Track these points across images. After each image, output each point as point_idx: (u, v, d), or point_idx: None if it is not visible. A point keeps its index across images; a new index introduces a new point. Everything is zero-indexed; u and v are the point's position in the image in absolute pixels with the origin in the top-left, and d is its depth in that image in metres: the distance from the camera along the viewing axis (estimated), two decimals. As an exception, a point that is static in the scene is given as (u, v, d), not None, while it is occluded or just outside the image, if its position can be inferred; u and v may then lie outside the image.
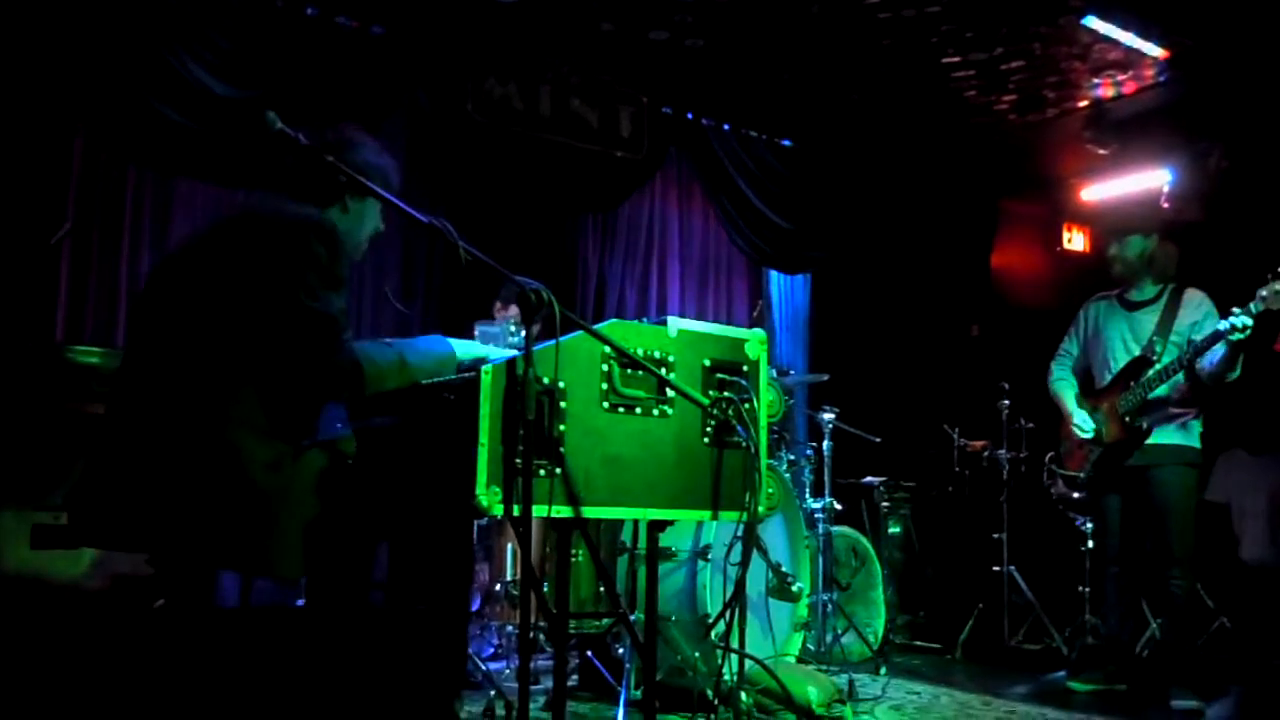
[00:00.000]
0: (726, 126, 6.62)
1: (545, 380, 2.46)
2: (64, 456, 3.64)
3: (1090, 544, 5.38)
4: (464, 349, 2.68)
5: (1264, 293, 3.97)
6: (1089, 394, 4.64)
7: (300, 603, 3.86)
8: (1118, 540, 4.53)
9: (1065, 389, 4.71)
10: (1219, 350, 4.13)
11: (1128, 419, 4.40)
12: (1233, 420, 5.44)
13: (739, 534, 2.89)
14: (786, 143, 6.90)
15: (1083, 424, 4.53)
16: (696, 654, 3.79)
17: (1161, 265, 4.52)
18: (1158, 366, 4.35)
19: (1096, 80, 6.15)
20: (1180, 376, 4.30)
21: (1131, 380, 4.42)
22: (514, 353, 2.57)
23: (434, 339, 2.67)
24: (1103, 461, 4.51)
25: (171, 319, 2.44)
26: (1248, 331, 4.02)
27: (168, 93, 4.63)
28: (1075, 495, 4.92)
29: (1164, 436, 4.37)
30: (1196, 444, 4.41)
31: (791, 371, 6.02)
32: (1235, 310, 4.04)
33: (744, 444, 2.81)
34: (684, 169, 6.70)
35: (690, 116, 6.47)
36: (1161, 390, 4.33)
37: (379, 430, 2.86)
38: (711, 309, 6.84)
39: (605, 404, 2.61)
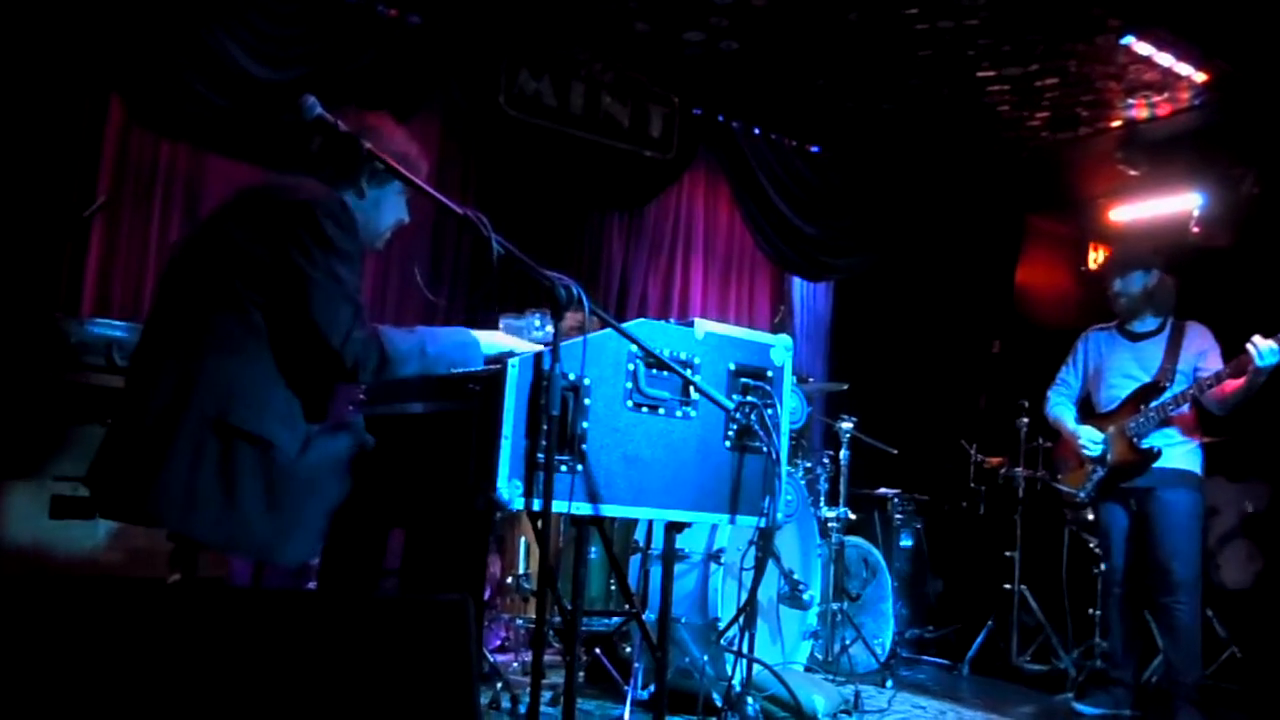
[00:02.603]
0: (757, 130, 6.61)
1: (571, 376, 2.47)
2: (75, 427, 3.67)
3: (1103, 566, 5.35)
4: (489, 343, 2.68)
5: None
6: (1091, 419, 4.66)
7: (312, 585, 3.88)
8: (1123, 561, 4.53)
9: (1064, 411, 4.75)
10: (1238, 383, 4.14)
11: (1136, 440, 4.40)
12: (1216, 447, 5.42)
13: (753, 539, 2.89)
14: (816, 149, 6.89)
15: (1090, 441, 4.53)
16: (705, 657, 3.79)
17: (1162, 299, 4.56)
18: (1172, 392, 4.37)
19: (1131, 100, 6.12)
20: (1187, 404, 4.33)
21: (1141, 404, 4.44)
22: (539, 347, 2.57)
23: (458, 330, 2.66)
24: (1106, 482, 4.52)
25: (186, 293, 2.45)
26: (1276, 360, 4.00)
27: (204, 72, 4.66)
28: (1090, 517, 4.90)
29: (1170, 460, 4.38)
30: (1200, 470, 4.43)
31: (810, 379, 6.00)
32: (1264, 340, 4.00)
33: (765, 449, 2.81)
34: (712, 170, 6.69)
35: (721, 119, 6.46)
36: (1175, 414, 4.35)
37: (399, 417, 2.87)
38: (733, 311, 6.83)
39: (629, 403, 2.61)
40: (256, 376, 2.37)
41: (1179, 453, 4.39)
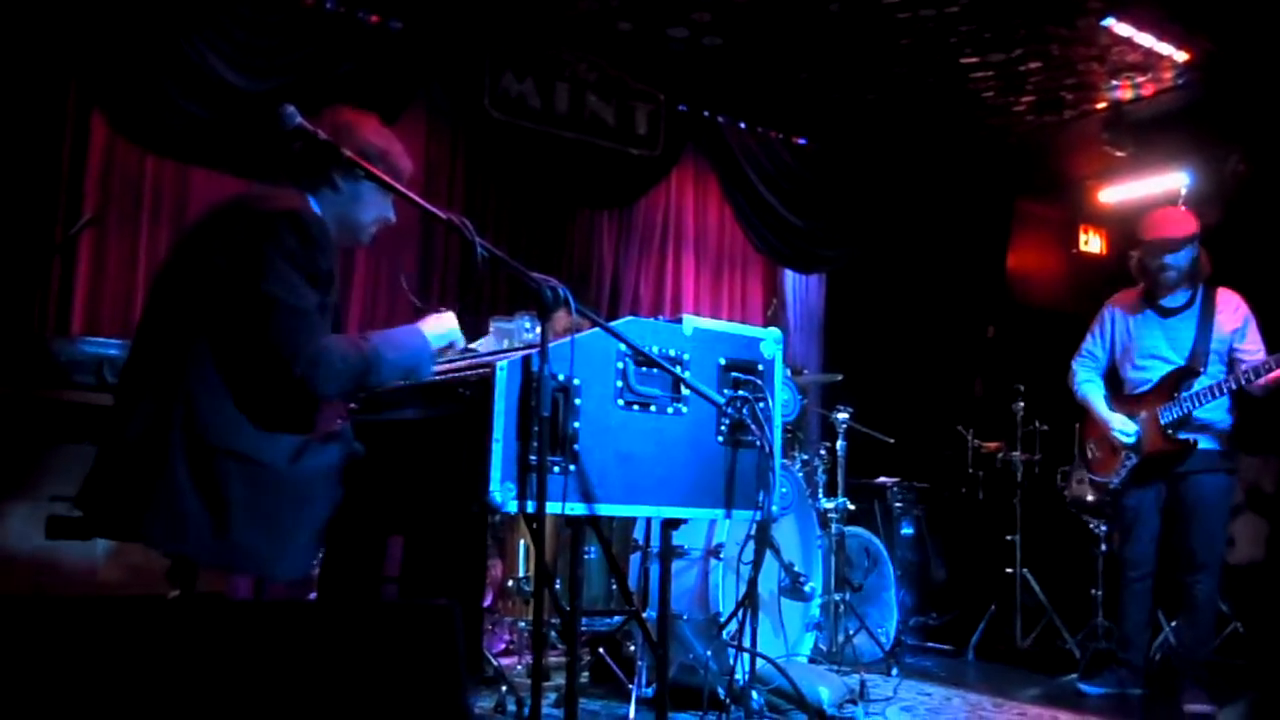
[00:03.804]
0: (743, 125, 6.61)
1: (560, 377, 2.47)
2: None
3: (1104, 547, 5.35)
4: (434, 333, 2.64)
5: None
6: (1120, 399, 4.53)
7: (313, 596, 3.88)
8: (1148, 546, 4.42)
9: (1094, 391, 4.58)
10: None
11: (1171, 431, 4.30)
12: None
13: (752, 533, 2.89)
14: (803, 141, 6.89)
15: (1124, 430, 4.39)
16: (708, 652, 3.79)
17: (1203, 270, 4.39)
18: (1207, 382, 4.24)
19: (1115, 82, 6.13)
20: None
21: (1175, 391, 4.30)
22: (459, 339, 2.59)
23: (411, 331, 2.62)
24: (1140, 471, 4.42)
25: (165, 312, 2.45)
26: None
27: (186, 84, 4.67)
28: (1090, 498, 4.87)
29: (1206, 443, 4.28)
30: (1236, 450, 4.36)
31: (805, 371, 6.01)
32: None
33: (758, 443, 2.81)
34: (700, 166, 6.69)
35: (707, 114, 6.46)
36: (1210, 405, 4.24)
37: (392, 424, 2.87)
38: (726, 306, 6.83)
39: (620, 401, 2.61)
40: (236, 393, 2.36)
41: (1215, 434, 4.29)
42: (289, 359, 2.33)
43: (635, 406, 2.64)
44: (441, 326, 2.68)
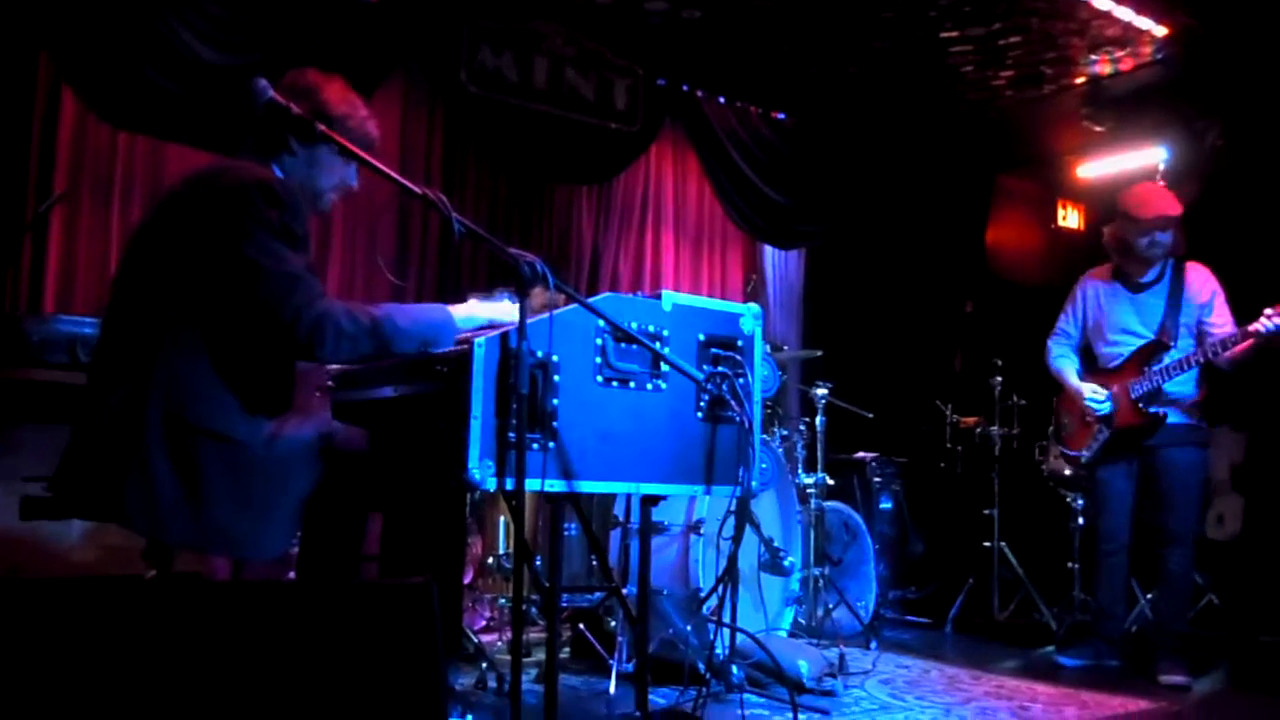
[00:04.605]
0: (722, 99, 6.59)
1: (539, 354, 2.45)
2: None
3: (1081, 520, 5.40)
4: (466, 315, 2.60)
5: None
6: (1093, 374, 4.58)
7: (291, 575, 3.86)
8: (1123, 519, 4.48)
9: (1068, 365, 4.64)
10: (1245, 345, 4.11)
11: (1142, 405, 4.35)
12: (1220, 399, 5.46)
13: (732, 508, 2.89)
14: (782, 116, 6.87)
15: (1096, 399, 4.45)
16: (689, 627, 3.80)
17: (1178, 248, 4.45)
18: (1176, 355, 4.29)
19: (1094, 57, 6.12)
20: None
21: (1145, 365, 4.37)
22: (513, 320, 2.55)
23: (432, 306, 2.58)
24: (1111, 445, 4.47)
25: (137, 290, 2.42)
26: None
27: (157, 59, 4.60)
28: (1067, 472, 4.92)
29: (1175, 417, 4.34)
30: (1205, 423, 4.42)
31: (785, 347, 6.01)
32: (1271, 311, 4.01)
33: (738, 419, 2.81)
34: (679, 141, 6.67)
35: (686, 89, 6.44)
36: (1180, 378, 4.30)
37: (370, 402, 2.85)
38: (706, 283, 6.83)
39: (599, 378, 2.60)
40: (212, 371, 2.34)
41: (1185, 407, 4.35)
42: (290, 323, 2.29)
43: (614, 383, 2.62)
44: (478, 310, 2.62)
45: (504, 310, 2.63)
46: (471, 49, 5.56)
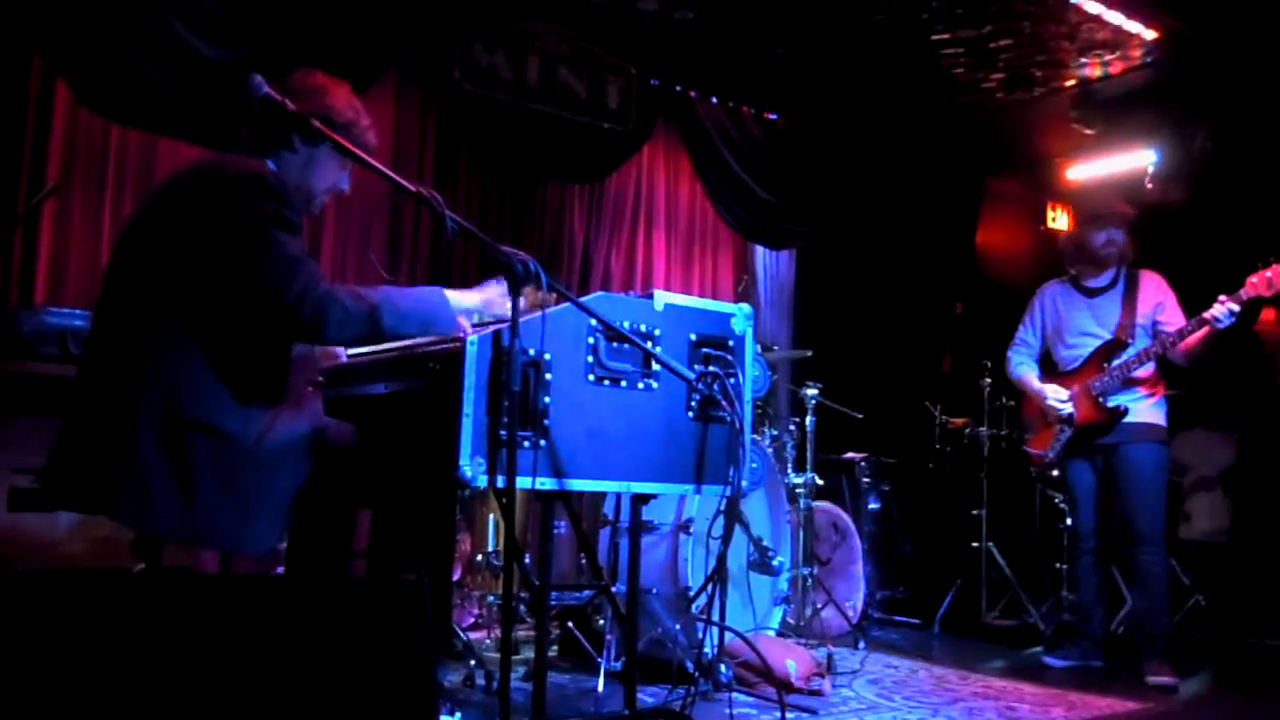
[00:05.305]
0: (715, 100, 6.59)
1: (531, 352, 2.46)
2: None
3: (1069, 521, 5.42)
4: (459, 301, 2.58)
5: (1254, 280, 4.04)
6: (1054, 377, 4.68)
7: (280, 570, 3.86)
8: (1091, 517, 4.58)
9: (1027, 371, 4.76)
10: (1200, 335, 4.21)
11: (1102, 399, 4.44)
12: (1193, 399, 5.52)
13: (721, 508, 2.90)
14: (774, 117, 6.88)
15: (1059, 398, 4.54)
16: (677, 626, 3.81)
17: (1130, 252, 4.59)
18: (1135, 350, 4.41)
19: (1084, 60, 6.15)
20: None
21: (1104, 362, 4.47)
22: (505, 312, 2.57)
23: (428, 290, 2.56)
24: (1073, 442, 4.55)
25: (130, 282, 2.42)
26: (1237, 318, 4.08)
27: (151, 53, 4.58)
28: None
29: (1135, 415, 4.43)
30: (1165, 422, 4.49)
31: (775, 347, 6.02)
32: (1224, 298, 4.08)
33: (728, 419, 2.82)
34: (672, 143, 6.67)
35: (679, 89, 6.44)
36: (1139, 372, 4.39)
37: (362, 399, 2.86)
38: (697, 282, 6.83)
39: (590, 377, 2.61)
40: (205, 364, 2.34)
41: (1144, 407, 4.44)
42: (295, 304, 2.29)
43: (606, 381, 2.64)
44: (472, 294, 2.63)
45: (493, 293, 2.63)
46: (465, 46, 5.55)
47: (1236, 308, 4.09)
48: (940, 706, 3.69)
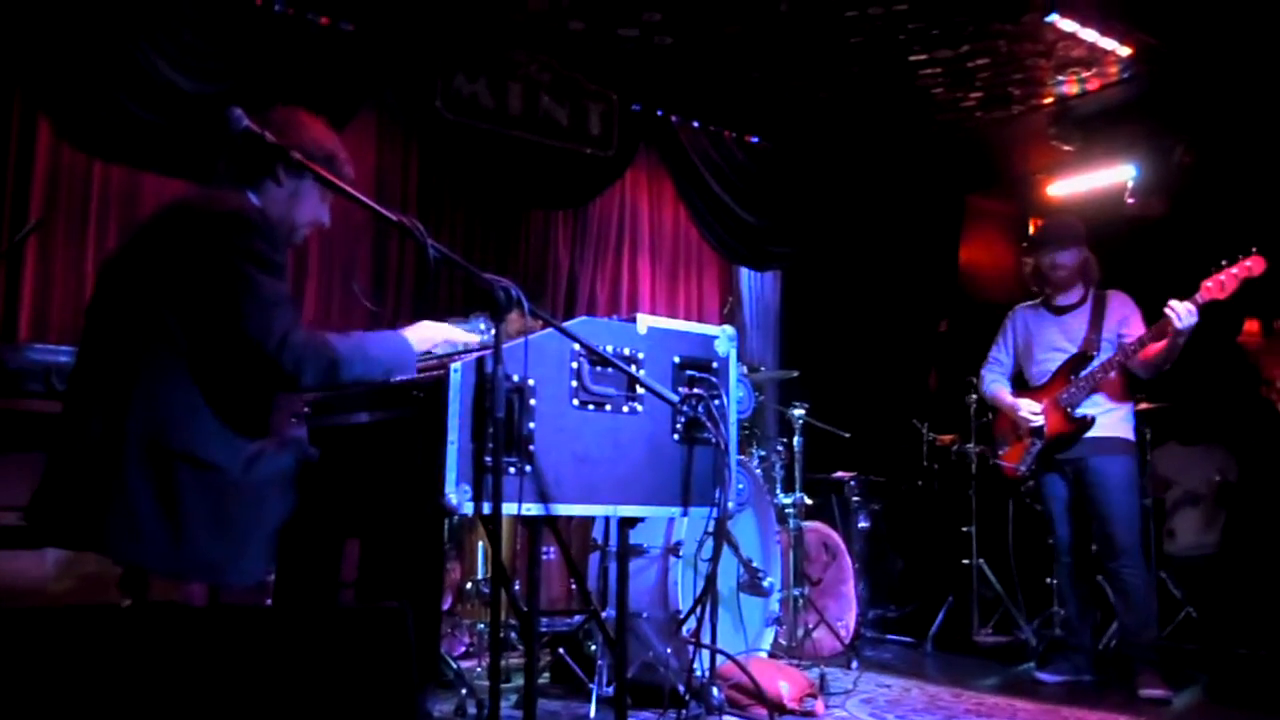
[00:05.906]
0: (696, 124, 6.64)
1: (515, 378, 2.47)
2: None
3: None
4: (419, 339, 2.67)
5: (1209, 284, 4.11)
6: (1024, 392, 4.74)
7: (269, 602, 3.84)
8: (1067, 530, 4.62)
9: (1000, 388, 4.83)
10: (1161, 345, 4.27)
11: (1070, 410, 4.49)
12: (1166, 413, 5.57)
13: (710, 530, 2.90)
14: (755, 140, 6.93)
15: (1032, 410, 4.60)
16: (668, 650, 3.80)
17: (1090, 272, 4.67)
18: (1100, 360, 4.48)
19: (1061, 77, 6.21)
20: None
21: (1071, 374, 4.54)
22: (471, 337, 2.59)
23: (390, 334, 2.63)
24: (1044, 454, 4.60)
25: (115, 316, 2.42)
26: (1196, 319, 4.13)
27: (132, 88, 4.60)
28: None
29: (1102, 428, 4.48)
30: (1132, 435, 4.55)
31: (762, 368, 6.04)
32: (1181, 303, 4.13)
33: (714, 440, 2.82)
34: (654, 167, 6.71)
35: (660, 114, 6.48)
36: (1103, 382, 4.46)
37: (346, 428, 2.86)
38: (682, 306, 6.86)
39: (575, 401, 2.61)
40: (190, 397, 2.34)
41: (1110, 419, 4.49)
42: (275, 354, 2.31)
43: (591, 406, 2.64)
44: (424, 332, 2.71)
45: (455, 331, 2.76)
46: (447, 75, 5.58)
47: (1193, 307, 4.13)
48: (933, 724, 3.69)
